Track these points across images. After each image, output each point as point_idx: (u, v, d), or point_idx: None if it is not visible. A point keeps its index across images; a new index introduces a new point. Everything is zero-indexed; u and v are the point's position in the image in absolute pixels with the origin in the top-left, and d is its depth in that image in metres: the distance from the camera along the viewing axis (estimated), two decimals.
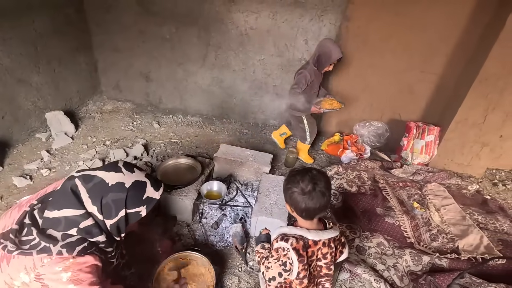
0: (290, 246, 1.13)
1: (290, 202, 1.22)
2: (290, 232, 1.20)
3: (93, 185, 1.11)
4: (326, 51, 2.45)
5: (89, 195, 1.09)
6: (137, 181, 1.18)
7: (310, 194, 1.14)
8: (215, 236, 1.98)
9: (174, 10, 3.11)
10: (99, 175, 1.13)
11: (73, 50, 3.27)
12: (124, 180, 1.15)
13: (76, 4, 3.19)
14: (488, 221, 2.37)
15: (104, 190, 1.11)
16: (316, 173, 1.19)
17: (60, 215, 1.06)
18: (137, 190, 1.17)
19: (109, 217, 1.12)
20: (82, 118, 3.29)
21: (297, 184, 1.18)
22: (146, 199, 1.19)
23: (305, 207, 1.16)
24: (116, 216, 1.13)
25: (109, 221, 1.13)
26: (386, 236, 2.11)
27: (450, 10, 2.57)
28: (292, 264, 1.14)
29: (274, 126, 3.58)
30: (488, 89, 2.60)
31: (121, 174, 1.16)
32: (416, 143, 2.96)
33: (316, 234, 1.18)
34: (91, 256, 1.10)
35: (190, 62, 3.39)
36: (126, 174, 1.17)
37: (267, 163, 2.41)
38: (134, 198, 1.15)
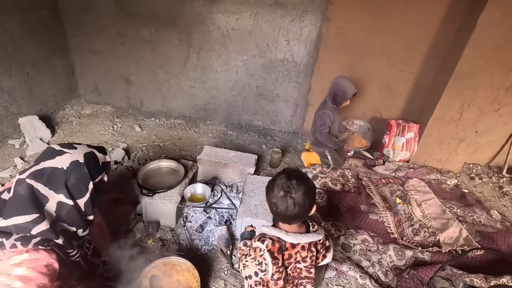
0: (265, 248, 1.12)
1: (268, 203, 1.21)
2: (269, 232, 1.19)
3: (48, 177, 1.08)
4: (342, 89, 2.53)
5: (49, 187, 1.07)
6: (86, 153, 1.19)
7: (282, 201, 1.12)
8: (200, 239, 1.94)
9: (154, 11, 3.06)
10: (47, 165, 1.10)
11: (48, 53, 3.15)
12: (75, 158, 1.14)
13: (50, 5, 3.08)
14: (466, 214, 2.45)
15: (63, 175, 1.10)
16: (294, 182, 1.12)
17: (10, 223, 1.01)
18: (92, 160, 1.19)
19: (80, 196, 1.14)
20: (58, 123, 3.17)
21: (273, 187, 1.15)
22: (103, 165, 1.25)
23: (277, 212, 1.15)
24: (87, 190, 1.15)
25: (82, 199, 1.15)
26: (371, 232, 2.14)
27: (424, 11, 2.65)
28: (268, 265, 1.13)
29: (258, 126, 3.58)
30: (462, 86, 2.69)
31: (68, 154, 1.14)
32: (397, 140, 3.03)
33: (294, 237, 1.17)
34: (47, 253, 1.04)
35: (171, 64, 3.34)
36: (73, 152, 1.16)
37: (251, 164, 2.40)
38: (94, 167, 1.18)
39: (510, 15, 2.35)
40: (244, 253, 1.28)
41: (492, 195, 2.85)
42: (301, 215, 1.15)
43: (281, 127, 3.55)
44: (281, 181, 1.13)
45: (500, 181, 3.05)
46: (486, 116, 2.83)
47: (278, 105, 3.41)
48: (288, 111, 3.43)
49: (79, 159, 1.15)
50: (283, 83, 3.25)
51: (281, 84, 3.26)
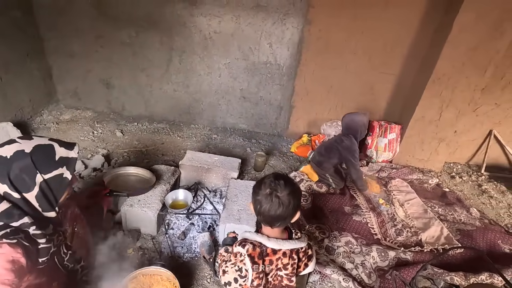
0: (245, 252, 1.11)
1: (252, 201, 1.20)
2: (251, 237, 1.18)
3: None
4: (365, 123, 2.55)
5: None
6: (38, 145, 1.09)
7: (267, 199, 1.11)
8: (182, 247, 1.90)
9: (133, 14, 3.00)
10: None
11: (22, 56, 3.03)
12: (21, 148, 1.06)
13: (23, 7, 2.96)
14: (447, 213, 2.50)
15: (5, 164, 1.02)
16: (282, 182, 1.13)
17: None
18: (43, 153, 1.08)
19: (26, 189, 1.05)
20: (35, 129, 3.05)
21: (260, 185, 1.16)
22: (61, 160, 1.12)
23: (261, 211, 1.14)
24: (35, 184, 1.05)
25: (30, 193, 1.06)
26: (354, 234, 2.15)
27: (402, 14, 2.71)
28: (248, 271, 1.11)
29: (243, 129, 3.56)
30: (441, 87, 2.76)
31: (16, 143, 1.07)
32: (380, 141, 3.08)
33: (276, 243, 1.15)
34: (11, 247, 0.99)
35: (153, 67, 3.28)
36: (23, 142, 1.08)
37: (235, 168, 2.37)
38: (44, 160, 1.08)
39: (484, 17, 2.42)
40: (224, 259, 1.25)
41: (471, 193, 2.93)
42: (285, 217, 1.14)
43: (266, 129, 3.55)
44: (269, 179, 1.14)
45: (479, 179, 3.14)
46: (464, 116, 2.91)
47: (262, 108, 3.40)
48: (272, 113, 3.43)
49: (25, 149, 1.05)
50: (266, 86, 3.24)
51: (265, 87, 3.25)
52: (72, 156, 1.16)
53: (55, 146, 1.13)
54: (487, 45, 2.53)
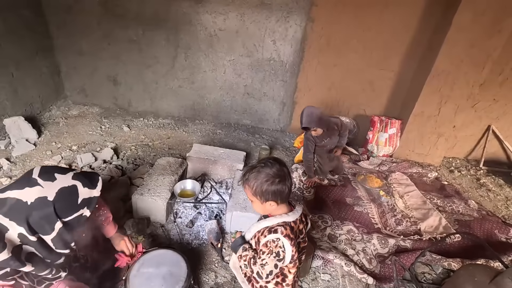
0: (281, 235, 1.15)
1: (269, 196, 1.19)
2: (272, 223, 1.21)
3: (9, 209, 0.98)
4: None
5: (9, 218, 0.98)
6: (62, 188, 1.05)
7: (287, 176, 1.19)
8: (191, 234, 1.98)
9: (140, 12, 3.08)
10: (12, 195, 1.00)
11: (32, 53, 3.12)
12: (44, 193, 1.01)
13: (33, 5, 3.05)
14: (446, 204, 2.58)
15: (24, 210, 0.98)
16: (275, 158, 1.25)
17: None
18: (66, 199, 1.04)
19: (44, 233, 1.02)
20: (45, 124, 3.13)
21: (271, 174, 1.18)
22: (82, 202, 1.09)
23: (288, 190, 1.20)
24: (53, 230, 1.02)
25: (48, 236, 1.03)
26: (356, 223, 2.23)
27: (402, 12, 2.78)
28: (285, 251, 1.16)
29: (246, 125, 3.64)
30: (440, 84, 2.83)
31: (38, 187, 1.01)
32: (380, 136, 3.15)
33: (293, 215, 1.22)
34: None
35: (159, 64, 3.36)
36: (45, 186, 1.03)
37: (240, 160, 2.45)
38: (66, 207, 1.04)
39: (482, 16, 2.50)
40: (250, 256, 1.25)
41: (470, 186, 3.00)
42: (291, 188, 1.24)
43: (269, 125, 3.63)
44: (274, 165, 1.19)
45: (477, 173, 3.21)
46: (462, 112, 2.98)
47: (265, 103, 3.48)
48: (275, 109, 3.51)
49: (49, 196, 1.01)
50: (270, 82, 3.32)
51: (268, 83, 3.33)
52: (94, 196, 1.13)
53: (79, 187, 1.09)
54: (485, 42, 2.60)
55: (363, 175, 2.84)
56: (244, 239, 1.37)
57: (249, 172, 1.20)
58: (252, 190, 1.20)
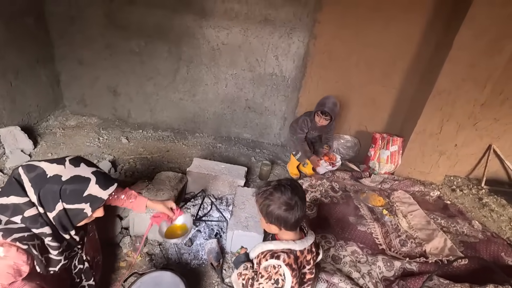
0: (282, 263, 1.10)
1: (272, 220, 1.16)
2: (277, 247, 1.16)
3: (35, 175, 1.09)
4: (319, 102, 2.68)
5: (31, 184, 1.09)
6: (77, 176, 1.13)
7: (297, 206, 1.13)
8: (189, 254, 1.90)
9: (143, 24, 3.08)
10: (42, 165, 1.12)
11: (32, 62, 3.08)
12: (62, 173, 1.11)
13: (35, 13, 3.04)
14: (450, 225, 2.53)
15: (42, 181, 1.09)
16: (292, 183, 1.19)
17: (8, 202, 1.06)
18: (75, 185, 1.11)
19: (48, 209, 1.10)
20: (41, 134, 3.07)
21: (280, 200, 1.14)
22: (88, 197, 1.13)
23: (295, 220, 1.14)
24: (54, 209, 1.10)
25: (50, 213, 1.11)
26: (359, 244, 2.16)
27: (404, 30, 2.81)
28: (284, 280, 1.11)
29: (247, 139, 3.60)
30: (442, 102, 2.84)
31: (61, 166, 1.13)
32: (382, 153, 3.13)
33: (301, 243, 1.17)
34: (19, 252, 1.03)
35: (160, 76, 3.34)
36: (68, 168, 1.13)
37: (241, 176, 2.40)
38: (71, 192, 1.10)
39: (483, 35, 2.53)
40: (248, 276, 1.22)
41: (472, 206, 2.97)
42: (304, 216, 1.20)
43: (270, 139, 3.59)
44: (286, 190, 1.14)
45: (479, 193, 3.19)
46: (464, 130, 2.98)
47: (266, 118, 3.46)
48: (276, 124, 3.48)
49: (63, 176, 1.10)
50: (271, 97, 3.31)
51: (270, 97, 3.32)
52: (101, 197, 1.16)
53: (91, 181, 1.14)
54: (485, 62, 2.63)
55: (365, 193, 2.79)
56: (248, 257, 1.33)
57: (263, 189, 1.19)
58: (259, 207, 1.19)
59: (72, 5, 3.04)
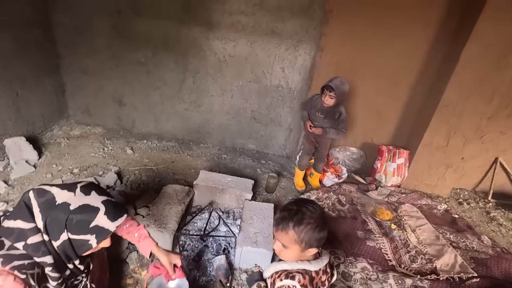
0: (297, 284, 1.07)
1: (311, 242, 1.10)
2: (292, 267, 1.14)
3: (44, 201, 1.06)
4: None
5: (40, 209, 1.06)
6: (86, 205, 1.08)
7: (324, 226, 1.11)
8: (198, 270, 1.86)
9: (150, 35, 3.09)
10: (53, 191, 1.09)
11: (38, 72, 3.08)
12: (71, 200, 1.07)
13: (43, 24, 3.05)
14: (459, 240, 2.50)
15: (50, 207, 1.06)
16: (311, 201, 1.16)
17: (14, 225, 1.04)
18: (82, 215, 1.07)
19: (53, 237, 1.06)
20: (46, 144, 3.05)
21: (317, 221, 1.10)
22: (94, 228, 1.08)
23: (320, 240, 1.10)
24: (59, 238, 1.06)
25: (55, 242, 1.07)
26: (369, 260, 2.13)
27: (410, 43, 2.82)
28: None
29: (252, 150, 3.59)
30: (448, 115, 2.84)
31: (71, 194, 1.09)
32: (389, 165, 3.11)
33: (317, 264, 1.14)
34: (16, 282, 0.99)
35: (166, 87, 3.34)
36: (78, 196, 1.09)
37: (248, 190, 2.37)
38: (78, 223, 1.06)
39: (490, 50, 2.54)
40: None
41: (480, 220, 2.93)
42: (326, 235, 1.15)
43: (275, 151, 3.57)
44: (314, 212, 1.11)
45: (486, 206, 3.16)
46: (470, 143, 2.97)
47: (272, 129, 3.45)
48: (281, 135, 3.47)
49: (72, 205, 1.06)
50: (277, 108, 3.31)
51: (276, 109, 3.31)
52: (108, 228, 1.12)
53: (100, 212, 1.10)
54: (492, 76, 2.63)
55: (373, 206, 2.76)
56: (261, 276, 1.30)
57: (292, 217, 1.09)
58: (297, 236, 1.08)
59: (79, 16, 3.06)
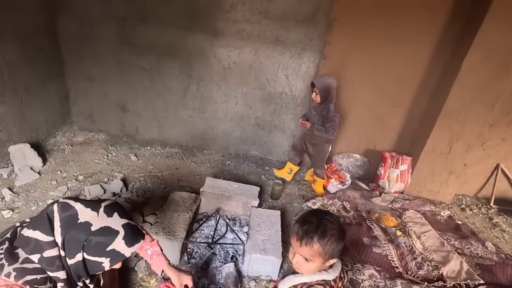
0: None
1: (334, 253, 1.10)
2: (311, 279, 1.13)
3: (67, 216, 1.05)
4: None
5: (61, 224, 1.04)
6: (107, 227, 1.07)
7: (344, 236, 1.12)
8: (206, 278, 1.85)
9: (155, 42, 3.12)
10: (77, 207, 1.07)
11: (43, 78, 3.09)
12: (93, 221, 1.05)
13: (50, 32, 3.07)
14: (464, 246, 2.51)
15: (72, 224, 1.04)
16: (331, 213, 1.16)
17: (32, 235, 1.03)
18: (102, 237, 1.05)
19: (69, 255, 1.05)
20: (50, 150, 3.04)
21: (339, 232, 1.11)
22: (111, 252, 1.07)
23: (341, 250, 1.12)
24: (74, 257, 1.04)
25: (69, 260, 1.05)
26: (376, 267, 2.13)
27: (412, 52, 2.87)
28: None
29: (255, 156, 3.60)
30: (451, 122, 2.87)
31: (95, 213, 1.07)
32: (392, 172, 3.13)
33: (333, 272, 1.15)
34: None
35: (170, 93, 3.36)
36: (100, 216, 1.07)
37: (255, 197, 2.38)
38: (96, 245, 1.04)
39: (491, 58, 2.59)
40: None
41: (483, 226, 2.95)
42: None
43: (278, 157, 3.59)
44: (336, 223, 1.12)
45: (489, 212, 3.18)
46: (473, 150, 3.01)
47: (275, 135, 3.46)
48: (285, 141, 3.49)
49: (93, 226, 1.04)
50: (281, 115, 3.33)
51: (279, 115, 3.33)
52: (123, 253, 1.10)
53: (119, 236, 1.08)
54: (494, 84, 2.68)
55: (377, 213, 2.77)
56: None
57: (315, 230, 1.08)
58: (322, 249, 1.07)
59: (85, 23, 3.08)
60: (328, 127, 2.64)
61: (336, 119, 2.64)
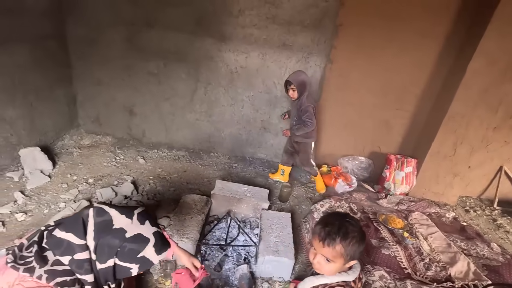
0: None
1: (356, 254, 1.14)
2: (332, 281, 1.16)
3: (102, 221, 1.08)
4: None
5: (94, 228, 1.07)
6: (140, 234, 1.10)
7: (365, 237, 1.15)
8: (220, 279, 1.88)
9: (163, 47, 3.16)
10: (112, 213, 1.10)
11: (51, 82, 3.12)
12: (128, 228, 1.09)
13: (58, 37, 3.10)
14: (470, 247, 2.54)
15: (106, 230, 1.07)
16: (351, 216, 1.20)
17: (65, 237, 1.05)
18: (135, 244, 1.09)
19: (100, 260, 1.07)
20: (58, 154, 3.06)
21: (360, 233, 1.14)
22: (141, 258, 1.10)
23: (362, 251, 1.15)
24: (105, 262, 1.07)
25: (99, 264, 1.08)
26: (386, 268, 2.16)
27: (418, 55, 2.93)
28: None
29: (261, 159, 3.63)
30: (455, 125, 2.92)
31: (129, 220, 1.11)
32: (397, 174, 3.17)
33: (353, 273, 1.18)
34: None
35: (177, 97, 3.39)
36: (134, 223, 1.11)
37: (265, 199, 2.41)
38: (129, 251, 1.08)
39: (495, 63, 2.65)
40: None
41: (488, 227, 2.99)
42: None
43: None
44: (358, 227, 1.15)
45: (492, 214, 3.22)
46: (477, 152, 3.05)
47: (282, 138, 3.49)
48: None
49: (128, 233, 1.08)
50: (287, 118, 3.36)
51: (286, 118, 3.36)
52: (152, 261, 1.13)
53: (150, 243, 1.11)
54: (498, 88, 2.73)
55: (384, 215, 2.81)
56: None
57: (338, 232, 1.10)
58: (344, 250, 1.10)
59: (94, 28, 3.12)
60: (305, 118, 2.71)
61: (309, 109, 2.69)
